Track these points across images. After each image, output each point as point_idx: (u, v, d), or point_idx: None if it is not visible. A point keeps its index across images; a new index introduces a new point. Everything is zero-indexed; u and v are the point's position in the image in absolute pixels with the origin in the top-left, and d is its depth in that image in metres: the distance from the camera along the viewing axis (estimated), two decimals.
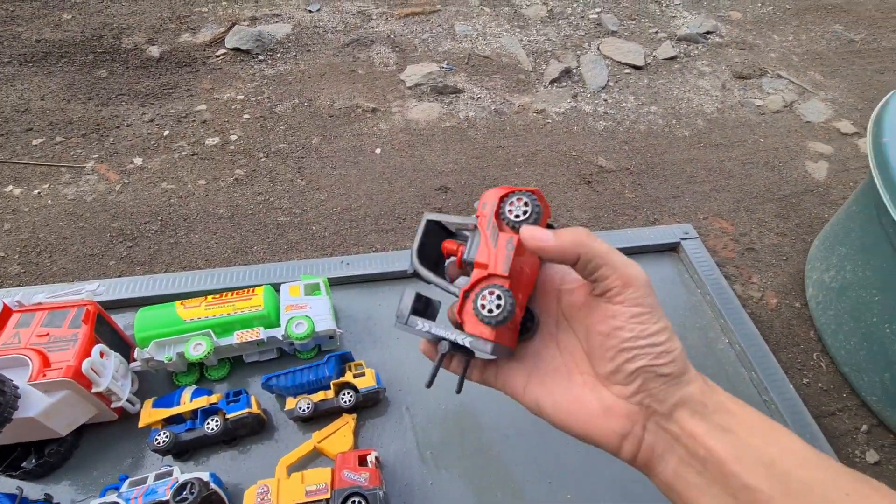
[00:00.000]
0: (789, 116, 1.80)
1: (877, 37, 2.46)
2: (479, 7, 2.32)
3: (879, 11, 2.69)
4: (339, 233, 1.20)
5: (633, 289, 0.33)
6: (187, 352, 0.67)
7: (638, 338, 0.33)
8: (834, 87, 2.02)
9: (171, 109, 1.63)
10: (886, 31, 2.52)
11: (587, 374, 0.36)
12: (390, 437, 0.69)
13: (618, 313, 0.33)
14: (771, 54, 2.17)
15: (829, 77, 2.07)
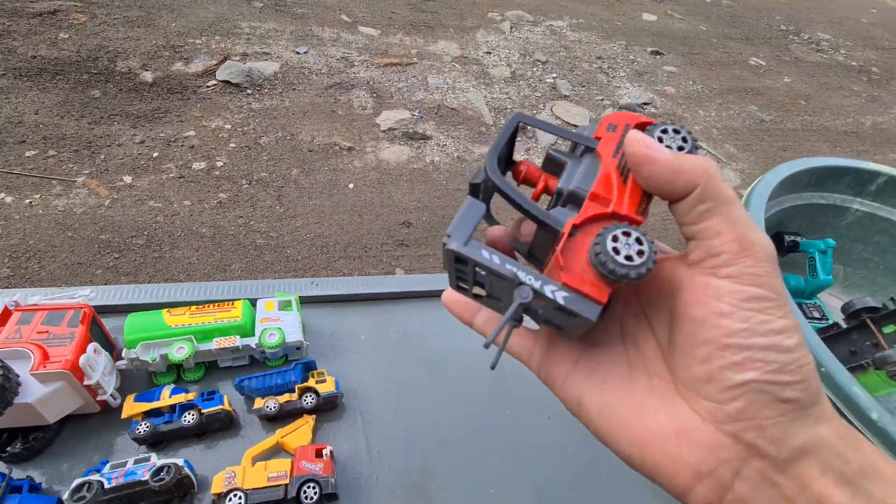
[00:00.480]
0: None
1: (784, 118, 2.75)
2: (452, 63, 2.46)
3: (788, 97, 3.01)
4: (310, 257, 1.26)
5: (752, 260, 0.23)
6: (171, 354, 0.72)
7: (753, 333, 0.22)
8: (744, 159, 2.24)
9: (162, 133, 1.67)
10: (792, 115, 2.82)
11: (659, 377, 0.26)
12: (344, 436, 0.75)
13: (724, 292, 0.23)
14: (696, 126, 2.39)
15: (742, 150, 2.30)
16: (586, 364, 0.29)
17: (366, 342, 0.85)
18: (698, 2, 4.11)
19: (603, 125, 0.28)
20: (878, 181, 1.08)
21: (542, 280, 0.25)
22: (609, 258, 0.24)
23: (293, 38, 2.30)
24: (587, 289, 0.24)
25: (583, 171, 0.27)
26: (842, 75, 3.46)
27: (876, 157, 2.64)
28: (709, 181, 0.23)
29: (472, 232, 0.26)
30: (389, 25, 2.64)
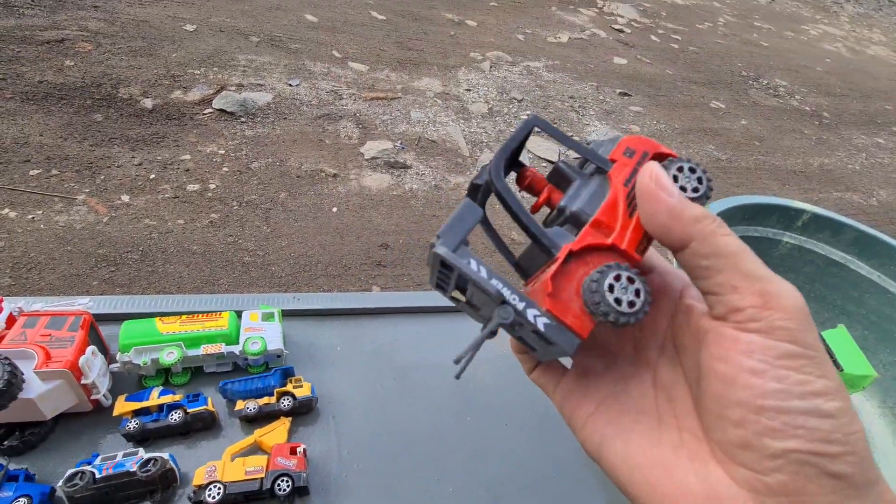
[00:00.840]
0: None
1: (738, 158, 2.90)
2: (434, 99, 2.57)
3: (744, 138, 3.17)
4: (294, 274, 1.32)
5: (781, 312, 0.20)
6: (161, 358, 0.76)
7: (790, 395, 0.19)
8: None
9: (159, 156, 1.72)
10: (746, 154, 2.97)
11: (690, 433, 0.24)
12: (317, 438, 0.79)
13: (755, 348, 0.20)
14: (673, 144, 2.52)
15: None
16: (612, 408, 0.26)
17: (341, 353, 0.90)
18: (666, 48, 4.33)
19: (621, 147, 0.26)
20: (804, 217, 1.18)
21: (527, 302, 0.23)
22: (603, 300, 0.22)
23: (286, 72, 2.39)
24: (570, 320, 0.23)
25: (590, 193, 0.26)
26: (795, 119, 3.66)
27: (821, 195, 2.79)
28: (706, 237, 0.22)
29: (463, 238, 0.24)
30: (377, 62, 2.76)
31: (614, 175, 0.25)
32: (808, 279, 1.24)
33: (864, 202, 2.84)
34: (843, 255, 1.16)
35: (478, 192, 0.27)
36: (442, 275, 0.26)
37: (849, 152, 3.37)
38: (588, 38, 4.04)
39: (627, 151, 0.26)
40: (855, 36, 6.34)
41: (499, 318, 0.23)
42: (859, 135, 3.67)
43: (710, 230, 0.22)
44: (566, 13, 4.49)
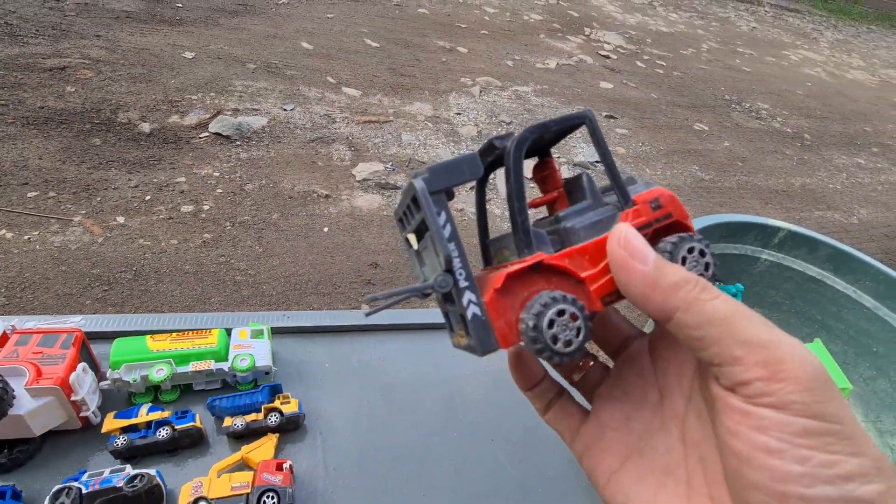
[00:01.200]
0: None
1: (722, 178, 2.96)
2: (425, 122, 2.62)
3: (727, 159, 3.24)
4: (284, 293, 1.33)
5: (793, 384, 0.18)
6: (151, 375, 0.77)
7: (816, 480, 0.17)
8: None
9: (155, 178, 1.74)
10: (729, 175, 3.03)
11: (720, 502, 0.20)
12: (304, 454, 0.79)
13: (769, 424, 0.18)
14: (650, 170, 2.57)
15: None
16: (638, 466, 0.23)
17: (329, 370, 0.90)
18: (651, 73, 4.44)
19: (651, 195, 0.25)
20: (780, 235, 1.21)
21: (470, 283, 0.22)
22: (539, 332, 0.22)
23: (282, 97, 2.44)
24: (499, 326, 0.22)
25: (593, 220, 0.24)
26: (777, 140, 3.75)
27: (802, 213, 2.84)
28: (690, 305, 0.20)
29: (448, 186, 0.23)
30: (370, 87, 2.82)
31: (626, 217, 0.24)
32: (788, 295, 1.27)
33: (846, 220, 2.90)
34: (819, 271, 1.18)
35: (490, 154, 0.25)
36: (408, 210, 0.25)
37: (829, 172, 3.45)
38: (575, 64, 4.14)
39: (654, 203, 0.25)
40: (834, 61, 6.53)
41: (437, 283, 0.22)
42: (840, 155, 3.75)
43: (693, 297, 0.20)
44: (554, 40, 4.61)
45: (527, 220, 0.24)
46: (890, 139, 4.33)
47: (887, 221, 2.99)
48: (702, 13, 7.23)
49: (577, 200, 0.26)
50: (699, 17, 6.95)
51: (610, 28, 5.35)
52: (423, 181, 0.23)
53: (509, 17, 4.91)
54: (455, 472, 0.78)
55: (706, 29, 6.46)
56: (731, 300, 0.21)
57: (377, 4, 4.35)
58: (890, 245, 2.74)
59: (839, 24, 8.99)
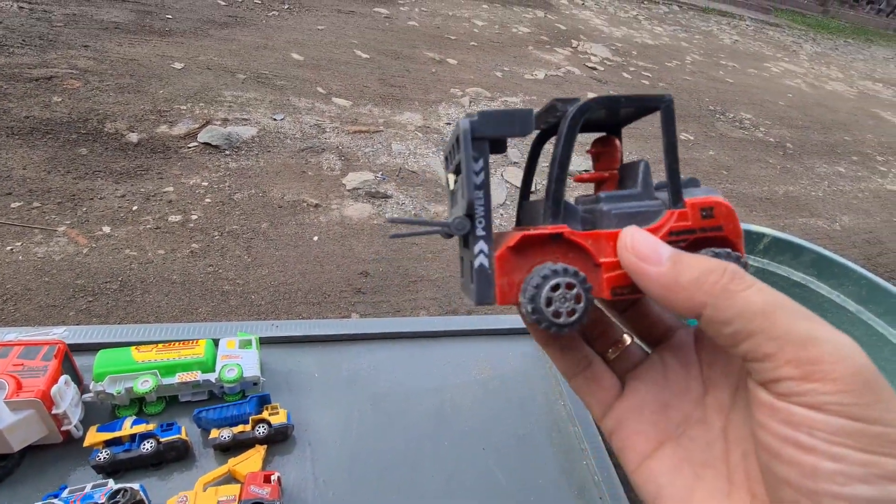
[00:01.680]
0: None
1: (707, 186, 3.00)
2: (415, 132, 2.64)
3: (712, 168, 3.28)
4: (273, 302, 1.31)
5: (829, 384, 0.16)
6: (135, 387, 0.75)
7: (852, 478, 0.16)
8: None
9: (142, 188, 1.72)
10: (714, 182, 3.07)
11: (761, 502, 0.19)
12: (293, 465, 0.78)
13: (800, 420, 0.17)
14: None
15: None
16: (675, 454, 0.22)
17: (319, 379, 0.89)
18: (637, 84, 4.51)
19: (707, 201, 0.23)
20: (764, 241, 1.23)
21: (487, 234, 0.22)
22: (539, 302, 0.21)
23: (271, 107, 2.44)
24: (500, 283, 0.22)
25: (633, 209, 0.23)
26: (760, 150, 3.81)
27: (786, 220, 2.89)
28: (719, 298, 0.18)
29: (495, 135, 0.22)
30: (361, 97, 2.83)
31: (671, 217, 0.23)
32: None
33: (828, 227, 2.95)
34: (803, 276, 1.20)
35: (552, 115, 0.24)
36: (453, 149, 0.24)
37: (812, 180, 3.51)
38: (563, 75, 4.20)
39: (706, 210, 0.23)
40: (814, 73, 6.68)
41: (454, 224, 0.22)
42: (821, 164, 3.83)
43: (722, 287, 0.18)
44: (542, 52, 4.67)
45: (561, 190, 0.23)
46: (869, 148, 4.43)
47: (868, 228, 3.04)
48: (685, 27, 7.38)
49: (626, 186, 0.25)
50: (683, 31, 7.09)
51: (597, 40, 5.44)
52: (469, 123, 0.22)
53: (498, 30, 4.97)
54: (446, 482, 0.77)
55: (690, 42, 6.59)
56: (768, 289, 0.19)
57: (367, 17, 4.38)
58: (871, 251, 2.79)
59: (818, 38, 9.23)
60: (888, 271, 2.62)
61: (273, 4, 4.02)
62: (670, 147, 0.24)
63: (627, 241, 0.21)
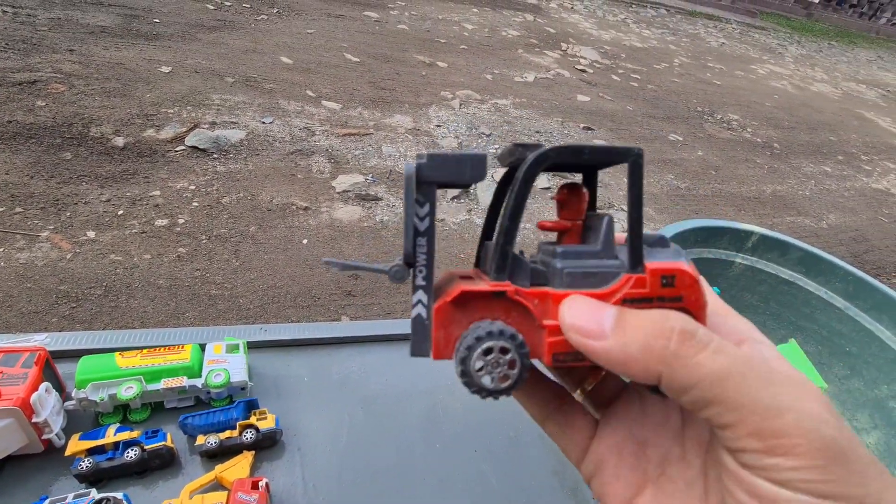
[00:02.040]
0: None
1: (696, 186, 3.02)
2: (405, 135, 2.63)
3: (701, 168, 3.32)
4: (262, 306, 1.30)
5: (794, 460, 0.16)
6: (119, 393, 0.74)
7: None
8: (661, 220, 2.45)
9: (128, 192, 1.70)
10: (703, 183, 3.10)
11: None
12: (282, 471, 0.77)
13: (765, 495, 0.16)
14: (619, 192, 2.61)
15: (659, 213, 2.52)
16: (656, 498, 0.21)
17: (309, 383, 0.88)
18: (626, 86, 4.55)
19: (669, 268, 0.21)
20: (753, 239, 1.24)
21: (426, 284, 0.21)
22: (469, 365, 0.21)
23: (260, 110, 2.42)
24: (437, 338, 0.21)
25: (589, 269, 0.22)
26: (747, 150, 3.86)
27: (774, 219, 2.92)
28: (674, 366, 0.17)
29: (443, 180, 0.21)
30: (350, 100, 2.83)
31: (627, 283, 0.21)
32: (763, 298, 1.29)
33: (816, 225, 2.98)
34: (791, 273, 1.21)
35: (513, 157, 0.23)
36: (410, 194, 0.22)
37: (799, 180, 3.55)
38: (553, 78, 4.22)
39: (666, 278, 0.21)
40: (799, 74, 6.78)
41: (392, 271, 0.21)
42: (808, 163, 3.88)
43: (673, 354, 0.17)
44: (532, 55, 4.70)
45: (510, 244, 0.22)
46: (854, 148, 4.49)
47: (854, 226, 3.09)
48: (673, 30, 7.46)
49: (590, 241, 0.23)
50: (671, 34, 7.16)
51: (586, 44, 5.48)
52: (415, 166, 0.21)
53: (488, 33, 4.99)
54: (438, 485, 0.76)
55: (678, 44, 6.66)
56: (726, 349, 0.17)
57: (357, 21, 4.37)
58: (858, 248, 2.83)
59: (802, 41, 9.37)
60: (875, 268, 2.66)
61: (262, 8, 4.01)
62: (635, 202, 0.22)
63: (566, 318, 0.20)
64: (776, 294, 1.24)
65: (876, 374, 1.03)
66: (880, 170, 4.14)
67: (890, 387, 1.01)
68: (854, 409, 1.07)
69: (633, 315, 0.19)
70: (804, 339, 1.17)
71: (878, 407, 1.02)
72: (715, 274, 1.28)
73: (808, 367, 0.89)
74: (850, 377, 1.09)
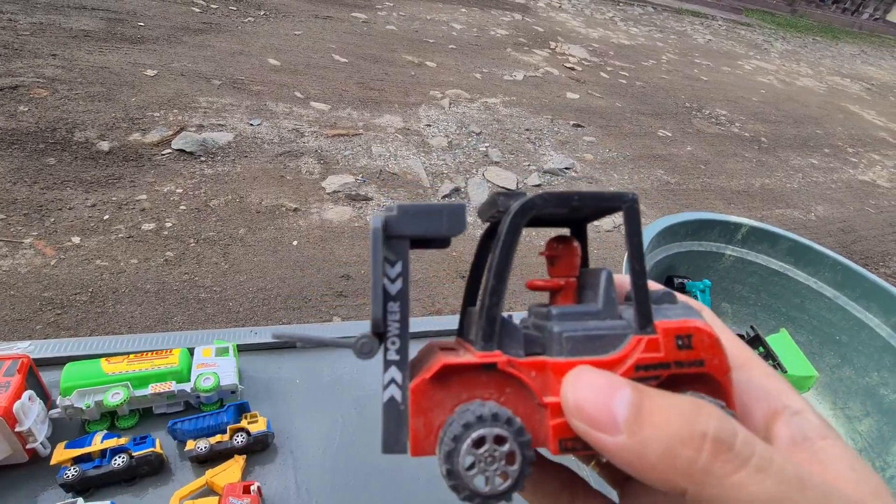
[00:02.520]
0: (617, 235, 2.18)
1: (686, 181, 3.04)
2: (395, 134, 2.63)
3: (690, 163, 3.34)
4: (252, 309, 1.29)
5: None
6: (106, 400, 0.72)
7: None
8: (652, 215, 2.47)
9: (114, 197, 1.68)
10: (693, 177, 3.12)
11: None
12: (274, 475, 0.76)
13: None
14: (610, 188, 2.63)
15: (650, 208, 2.54)
16: None
17: (300, 386, 0.87)
18: (615, 83, 4.57)
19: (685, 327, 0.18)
20: (742, 231, 1.24)
21: (400, 358, 0.18)
22: (456, 463, 0.17)
23: (248, 112, 2.40)
24: (416, 427, 0.18)
25: (591, 332, 0.19)
26: (736, 144, 3.89)
27: (764, 212, 2.95)
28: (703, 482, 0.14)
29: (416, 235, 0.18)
30: (339, 101, 2.81)
31: (638, 346, 0.18)
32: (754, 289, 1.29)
33: (804, 217, 3.01)
34: (781, 264, 1.21)
35: (494, 209, 0.20)
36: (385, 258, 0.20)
37: (787, 173, 3.59)
38: (542, 76, 4.23)
39: (681, 339, 0.18)
40: (785, 70, 6.86)
41: (357, 345, 0.18)
42: (795, 157, 3.92)
43: (703, 470, 0.14)
44: (521, 54, 4.71)
45: (497, 306, 0.18)
46: (840, 140, 4.55)
47: (842, 217, 3.12)
48: (660, 27, 7.52)
49: (588, 299, 0.20)
50: (658, 31, 7.21)
51: (574, 42, 5.50)
52: (382, 220, 0.18)
53: (476, 33, 4.99)
54: (432, 486, 0.76)
55: (665, 41, 6.70)
56: (770, 467, 0.14)
57: (345, 22, 4.36)
58: (845, 238, 2.87)
59: (787, 36, 9.48)
60: (863, 258, 2.69)
61: (249, 11, 3.98)
62: (635, 252, 0.19)
63: (570, 398, 0.16)
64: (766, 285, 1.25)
65: (866, 362, 1.04)
66: (866, 162, 4.20)
67: (880, 374, 1.01)
68: (846, 398, 1.07)
69: (655, 404, 0.15)
70: (795, 328, 1.18)
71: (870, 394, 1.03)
72: (705, 266, 1.29)
73: (800, 356, 0.89)
74: (841, 365, 1.10)
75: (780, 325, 1.20)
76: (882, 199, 3.52)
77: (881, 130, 5.13)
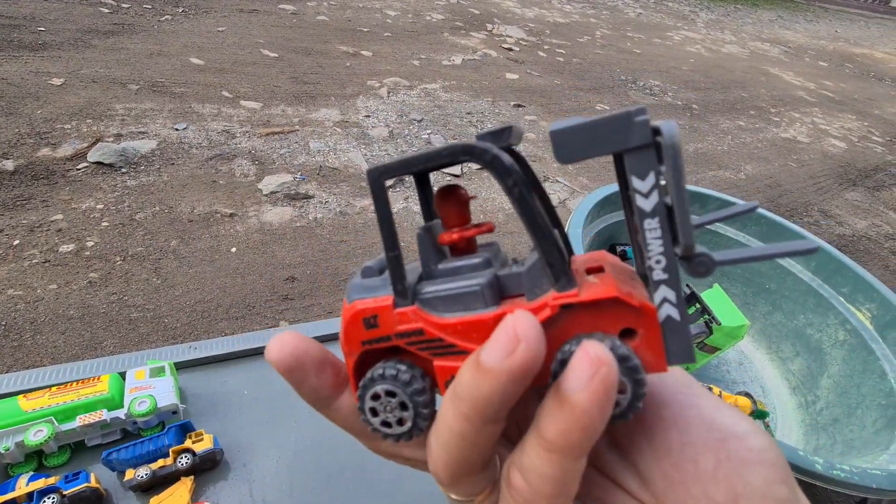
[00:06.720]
0: (562, 210, 2.24)
1: None
2: (333, 128, 2.57)
3: None
4: (190, 323, 1.23)
5: None
6: (27, 439, 0.68)
7: None
8: (594, 187, 2.55)
9: (24, 220, 1.55)
10: None
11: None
12: (227, 492, 0.74)
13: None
14: (553, 165, 2.68)
15: (593, 181, 2.62)
16: None
17: (249, 397, 0.85)
18: (553, 62, 4.65)
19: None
20: None
21: (669, 280, 0.18)
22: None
23: (171, 116, 2.27)
24: None
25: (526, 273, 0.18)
26: (670, 112, 4.06)
27: (698, 175, 3.11)
28: None
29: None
30: (271, 98, 2.72)
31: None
32: None
33: (735, 177, 3.20)
34: None
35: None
36: None
37: (717, 136, 3.79)
38: (480, 59, 4.24)
39: None
40: (711, 38, 7.19)
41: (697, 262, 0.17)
42: (724, 120, 4.14)
43: None
44: (458, 37, 4.70)
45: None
46: (763, 102, 4.84)
47: (769, 174, 3.33)
48: (593, 3, 7.70)
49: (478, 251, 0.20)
50: (591, 7, 7.38)
51: (510, 22, 5.54)
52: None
53: (411, 19, 4.94)
54: (394, 490, 0.76)
55: (598, 18, 6.87)
56: None
57: (272, 14, 4.19)
58: (773, 193, 3.07)
59: (711, 6, 9.94)
60: (788, 210, 2.88)
61: (165, 8, 3.75)
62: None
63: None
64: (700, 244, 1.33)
65: (793, 307, 1.12)
66: (787, 120, 4.49)
67: (805, 316, 1.10)
68: (779, 341, 1.16)
69: None
70: (729, 283, 1.25)
71: (798, 335, 1.11)
72: None
73: (732, 308, 0.95)
74: (772, 312, 1.18)
75: (715, 279, 1.27)
76: (803, 154, 3.79)
77: (799, 90, 5.49)
